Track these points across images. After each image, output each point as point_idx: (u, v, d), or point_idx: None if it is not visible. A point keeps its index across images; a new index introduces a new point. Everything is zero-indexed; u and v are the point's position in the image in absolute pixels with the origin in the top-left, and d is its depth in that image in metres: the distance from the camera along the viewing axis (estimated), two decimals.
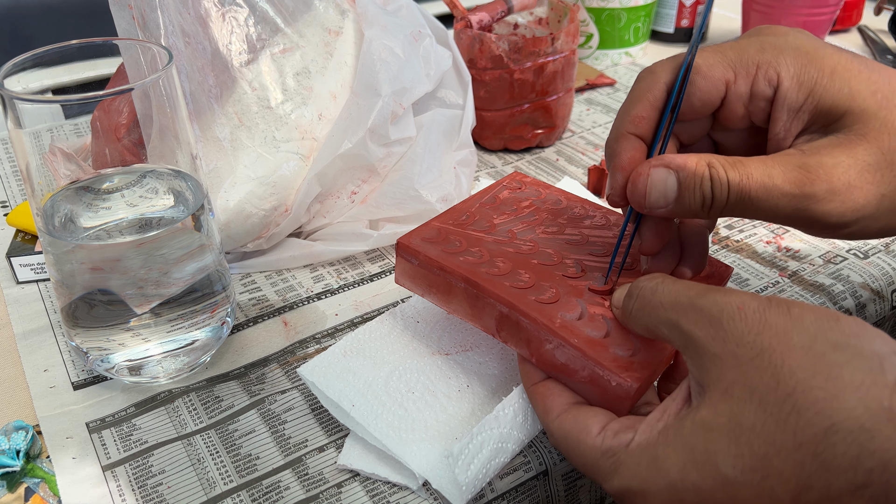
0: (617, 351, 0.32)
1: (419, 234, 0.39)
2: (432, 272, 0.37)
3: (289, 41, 0.49)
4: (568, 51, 0.61)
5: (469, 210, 0.42)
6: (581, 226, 0.41)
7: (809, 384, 0.23)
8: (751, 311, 0.26)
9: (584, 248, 0.39)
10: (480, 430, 0.34)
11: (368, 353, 0.40)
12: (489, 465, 0.34)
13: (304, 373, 0.39)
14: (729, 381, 0.25)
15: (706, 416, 0.26)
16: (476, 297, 0.36)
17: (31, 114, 0.35)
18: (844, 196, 0.31)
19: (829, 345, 0.24)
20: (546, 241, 0.39)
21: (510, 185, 0.45)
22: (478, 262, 0.37)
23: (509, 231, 0.40)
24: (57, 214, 0.37)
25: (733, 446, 0.24)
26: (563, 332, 0.33)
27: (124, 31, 0.45)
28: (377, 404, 0.37)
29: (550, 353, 0.33)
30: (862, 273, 0.48)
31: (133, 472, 0.36)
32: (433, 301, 0.38)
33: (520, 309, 0.34)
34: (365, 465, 0.35)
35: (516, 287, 0.35)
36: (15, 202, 0.59)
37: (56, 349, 0.44)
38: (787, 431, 0.23)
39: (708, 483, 0.25)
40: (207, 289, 0.40)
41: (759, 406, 0.24)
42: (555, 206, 0.43)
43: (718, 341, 0.26)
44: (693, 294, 0.28)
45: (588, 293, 0.35)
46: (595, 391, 0.32)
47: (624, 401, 0.31)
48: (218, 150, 0.46)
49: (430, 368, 0.39)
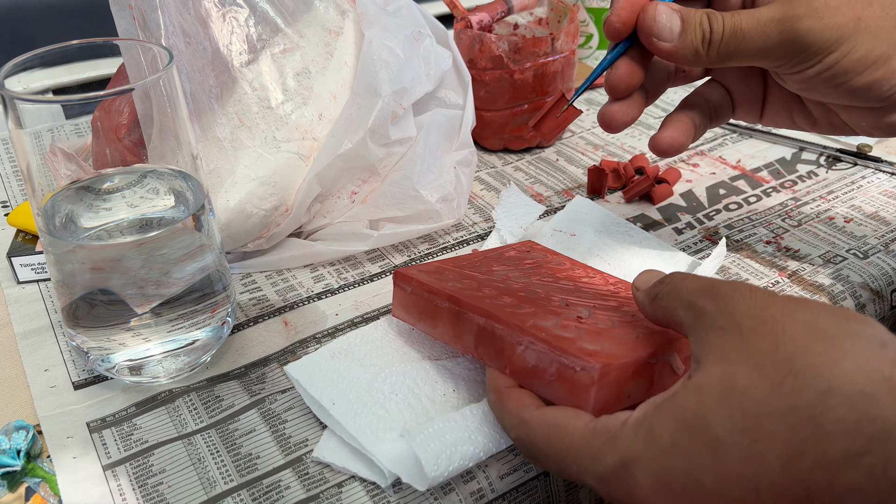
0: (587, 345, 0.32)
1: (417, 267, 0.41)
2: (421, 296, 0.38)
3: (289, 41, 0.49)
4: (568, 51, 0.61)
5: (472, 259, 0.43)
6: (576, 281, 0.42)
7: (809, 349, 0.23)
8: (761, 293, 0.27)
9: (572, 294, 0.39)
10: (443, 420, 0.34)
11: (357, 355, 0.40)
12: (453, 451, 0.33)
13: (290, 371, 0.39)
14: (728, 348, 0.25)
15: (699, 379, 0.26)
16: (458, 315, 0.36)
17: (32, 114, 0.35)
18: (823, 13, 0.35)
19: (832, 322, 0.24)
20: (537, 285, 0.40)
21: (519, 248, 0.46)
22: (464, 288, 0.38)
23: (505, 276, 0.41)
24: (57, 214, 0.37)
25: (724, 406, 0.24)
26: (532, 330, 0.33)
27: (125, 32, 0.45)
28: (358, 404, 0.37)
29: (522, 356, 0.33)
30: (861, 273, 0.48)
31: (134, 471, 0.36)
32: (422, 328, 0.39)
33: (495, 316, 0.34)
34: (338, 458, 0.36)
35: (497, 304, 0.36)
36: (15, 202, 0.59)
37: (57, 349, 0.44)
38: (782, 393, 0.23)
39: (698, 446, 0.24)
40: (208, 289, 0.40)
41: (755, 368, 0.24)
42: (556, 266, 0.44)
43: (726, 315, 0.26)
44: (716, 281, 0.29)
45: (566, 315, 0.35)
46: (563, 388, 0.31)
47: (588, 389, 0.30)
48: (218, 150, 0.46)
49: (417, 372, 0.39)
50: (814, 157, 0.62)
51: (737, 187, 0.59)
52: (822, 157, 0.62)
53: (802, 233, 0.52)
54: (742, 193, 0.58)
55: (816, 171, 0.60)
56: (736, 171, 0.61)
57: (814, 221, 0.54)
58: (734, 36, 0.36)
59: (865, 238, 0.51)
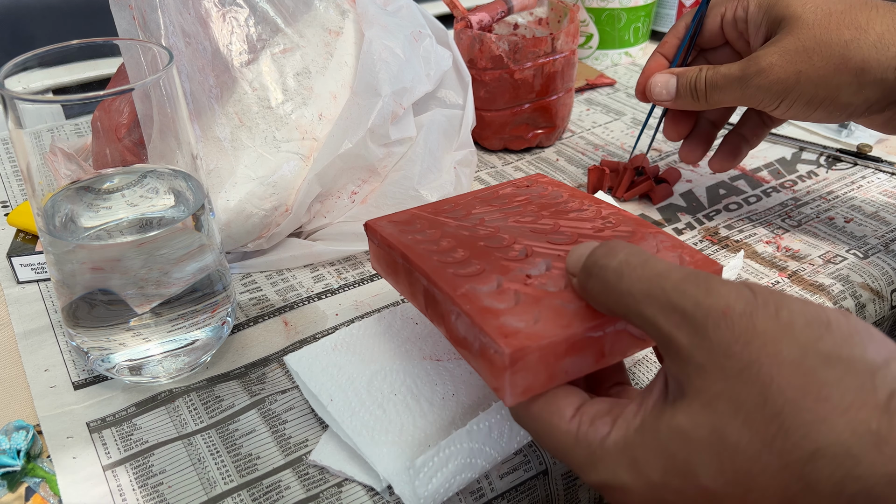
0: (510, 321, 0.29)
1: (389, 218, 0.39)
2: (385, 251, 0.37)
3: (289, 41, 0.49)
4: (568, 51, 0.61)
5: (459, 201, 0.41)
6: (562, 216, 0.38)
7: (798, 405, 0.23)
8: (737, 317, 0.24)
9: (545, 236, 0.36)
10: (449, 444, 0.33)
11: (359, 349, 0.40)
12: (454, 480, 0.33)
13: (290, 362, 0.39)
14: (713, 394, 0.24)
15: (684, 424, 0.25)
16: (409, 273, 0.35)
17: (32, 114, 0.35)
18: (769, 72, 0.44)
19: (819, 359, 0.23)
20: (508, 228, 0.37)
21: (519, 183, 0.44)
22: (422, 241, 0.36)
23: (480, 219, 0.38)
24: (57, 214, 0.37)
25: (715, 461, 0.24)
26: (460, 299, 0.31)
27: (125, 32, 0.45)
28: (356, 402, 0.37)
29: (455, 325, 0.31)
30: (862, 273, 0.48)
31: (134, 471, 0.36)
32: (392, 284, 0.37)
33: (433, 280, 0.32)
34: (334, 462, 0.36)
35: (443, 262, 0.34)
36: (15, 202, 0.59)
37: (57, 349, 0.44)
38: (773, 451, 0.23)
39: (690, 490, 0.25)
40: (208, 289, 0.40)
41: (745, 423, 0.23)
42: (550, 201, 0.41)
43: (704, 351, 0.24)
44: (669, 287, 0.26)
45: (517, 272, 0.33)
46: (484, 365, 0.29)
47: (503, 373, 0.28)
48: (218, 150, 0.46)
49: (418, 372, 0.39)
50: (814, 157, 0.62)
51: (737, 187, 0.59)
52: (822, 157, 0.62)
53: (802, 233, 0.52)
54: (742, 193, 0.58)
55: (816, 171, 0.60)
56: (736, 171, 0.61)
57: (814, 221, 0.54)
58: (714, 89, 0.47)
59: (865, 238, 0.51)
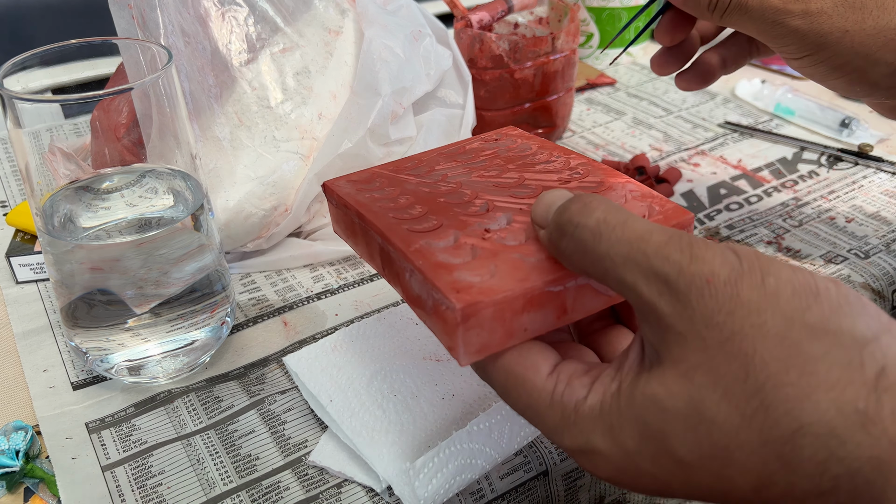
0: (464, 275, 0.27)
1: (348, 177, 0.36)
2: (342, 211, 0.35)
3: (289, 41, 0.49)
4: (568, 50, 0.61)
5: (422, 158, 0.38)
6: (528, 169, 0.36)
7: (781, 380, 0.22)
8: (721, 284, 0.23)
9: (509, 190, 0.34)
10: (449, 445, 0.33)
11: (358, 349, 0.40)
12: (454, 481, 0.33)
13: (290, 362, 0.39)
14: (691, 364, 0.23)
15: (659, 393, 0.24)
16: (365, 232, 0.33)
17: (31, 113, 0.35)
18: (815, 18, 0.38)
19: (806, 331, 0.22)
20: (471, 183, 0.35)
21: (487, 137, 0.40)
22: (380, 199, 0.33)
23: (443, 175, 0.36)
24: (56, 214, 0.37)
25: (690, 434, 0.23)
26: (413, 255, 0.29)
27: (124, 31, 0.45)
28: (355, 402, 0.36)
29: (409, 283, 0.30)
30: (863, 273, 0.48)
31: (132, 472, 0.36)
32: (352, 247, 0.35)
33: (387, 236, 0.30)
34: (334, 462, 0.35)
35: (399, 218, 0.32)
36: (14, 202, 0.59)
37: (55, 349, 0.44)
38: (753, 428, 0.22)
39: (665, 459, 0.24)
40: (207, 289, 0.40)
41: (724, 397, 0.22)
42: (517, 153, 0.38)
43: (685, 320, 0.23)
44: (651, 251, 0.24)
45: (476, 226, 0.31)
46: (437, 323, 0.28)
47: (455, 331, 0.26)
48: (218, 149, 0.46)
49: (418, 372, 0.38)
50: (815, 157, 0.62)
51: (738, 187, 0.58)
52: (823, 156, 0.62)
53: (803, 233, 0.52)
54: (743, 193, 0.58)
55: (817, 171, 0.60)
56: (737, 171, 0.61)
57: (815, 221, 0.54)
58: (739, 10, 0.39)
59: (867, 238, 0.51)
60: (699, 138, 0.66)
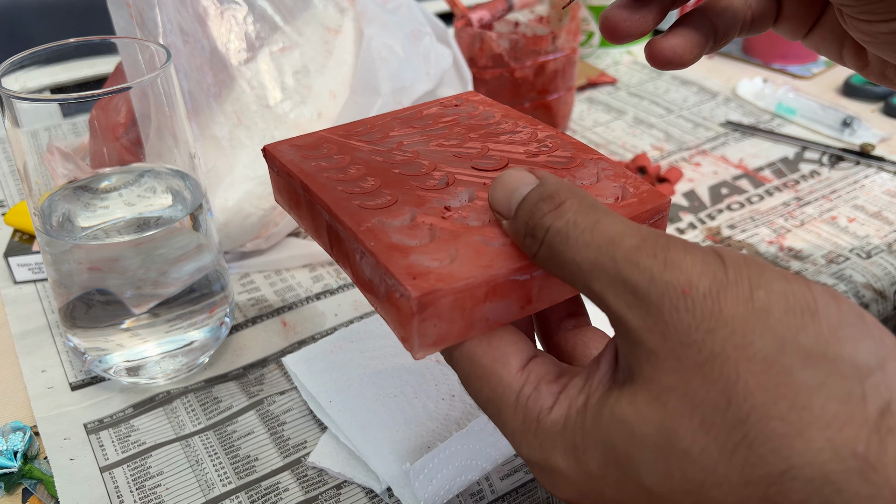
0: (421, 259, 0.25)
1: (292, 141, 0.33)
2: (284, 179, 0.31)
3: (288, 39, 0.49)
4: (569, 49, 0.60)
5: (375, 122, 0.35)
6: (492, 139, 0.33)
7: (768, 412, 0.19)
8: (700, 297, 0.20)
9: (470, 161, 0.31)
10: (449, 445, 0.33)
11: (358, 350, 0.39)
12: (454, 482, 0.33)
13: (289, 363, 0.39)
14: (664, 386, 0.20)
15: (628, 415, 0.21)
16: (311, 206, 0.30)
17: (29, 113, 0.34)
18: None
19: (799, 356, 0.19)
20: (429, 153, 0.32)
21: (447, 101, 0.37)
22: (328, 167, 0.30)
23: (398, 142, 0.33)
24: (55, 214, 0.37)
25: (661, 464, 0.20)
26: (364, 235, 0.26)
27: (122, 30, 0.44)
28: (355, 403, 0.36)
29: (359, 266, 0.27)
30: (864, 273, 0.48)
31: (131, 473, 0.36)
32: (296, 220, 0.32)
33: (335, 214, 0.28)
34: (333, 463, 0.35)
35: (348, 192, 0.29)
36: (12, 201, 0.59)
37: (54, 350, 0.44)
38: (734, 464, 0.19)
39: (630, 486, 0.21)
40: (206, 289, 0.40)
41: (701, 427, 0.19)
42: (479, 121, 0.35)
43: (657, 335, 0.20)
44: (620, 257, 0.21)
45: (434, 202, 0.28)
46: (389, 311, 0.25)
47: (409, 321, 0.24)
48: (216, 149, 0.46)
49: (419, 372, 0.38)
50: (816, 157, 0.62)
51: (739, 187, 0.58)
52: (824, 156, 0.62)
53: (805, 233, 0.52)
54: (744, 193, 0.57)
55: (819, 171, 0.60)
56: (738, 171, 0.60)
57: (816, 221, 0.53)
58: None
59: (868, 238, 0.51)
60: (700, 138, 0.65)
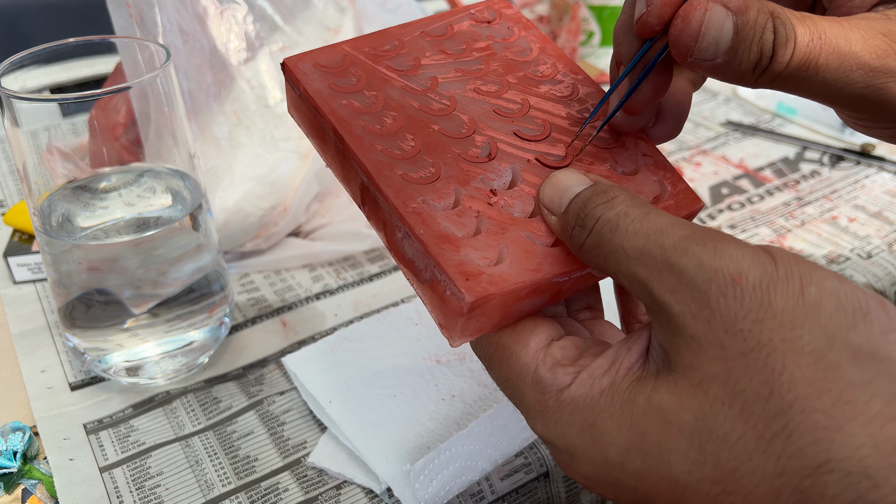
0: (472, 256, 0.25)
1: (315, 57, 0.30)
2: (310, 110, 0.29)
3: (287, 39, 0.49)
4: (569, 49, 0.60)
5: (403, 37, 0.32)
6: (532, 91, 0.31)
7: (811, 405, 0.19)
8: (750, 287, 0.20)
9: (513, 124, 0.30)
10: (449, 446, 0.33)
11: (358, 350, 0.39)
12: (454, 483, 0.33)
13: (289, 363, 0.39)
14: (706, 374, 0.20)
15: (667, 404, 0.21)
16: (343, 156, 0.28)
17: (29, 112, 0.34)
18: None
19: (848, 352, 0.19)
20: (469, 103, 0.30)
21: (479, 13, 0.34)
22: (361, 111, 0.29)
23: (432, 78, 0.31)
24: (54, 214, 0.37)
25: (694, 452, 0.20)
26: (411, 219, 0.26)
27: (122, 30, 0.44)
28: (355, 403, 0.36)
29: (400, 243, 0.27)
30: (865, 273, 0.48)
31: (131, 473, 0.36)
32: (314, 145, 0.31)
33: (377, 183, 0.27)
34: (333, 464, 0.35)
35: (388, 154, 0.27)
36: (12, 201, 0.59)
37: (53, 350, 0.44)
38: (770, 454, 0.19)
39: (653, 476, 0.21)
40: (205, 289, 0.39)
41: (740, 415, 0.20)
42: (517, 57, 0.33)
43: (702, 322, 0.20)
44: (669, 244, 0.21)
45: (479, 181, 0.27)
46: (433, 299, 0.25)
47: (456, 318, 0.24)
48: (216, 148, 0.46)
49: (418, 373, 0.38)
50: (817, 156, 0.62)
51: (739, 186, 0.58)
52: (825, 156, 0.62)
53: (805, 232, 0.52)
54: (745, 193, 0.57)
55: (819, 171, 0.60)
56: (739, 171, 0.60)
57: (817, 221, 0.53)
58: (804, 67, 0.25)
59: (869, 238, 0.51)
60: (701, 137, 0.65)
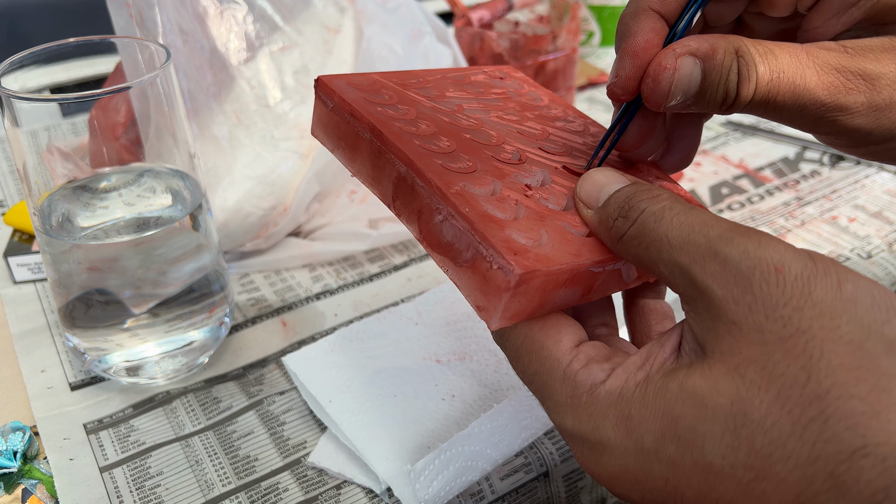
0: (517, 235, 0.25)
1: (348, 78, 0.31)
2: (343, 118, 0.30)
3: (287, 39, 0.49)
4: (569, 49, 0.60)
5: (427, 78, 0.34)
6: (549, 124, 0.33)
7: (849, 391, 0.19)
8: (792, 277, 0.20)
9: (536, 142, 0.31)
10: (450, 447, 0.33)
11: (358, 350, 0.39)
12: (454, 483, 0.33)
13: (289, 363, 0.39)
14: (743, 358, 0.21)
15: (701, 388, 0.21)
16: (378, 153, 0.28)
17: (29, 112, 0.34)
18: (882, 114, 0.27)
19: (884, 345, 0.19)
20: (493, 124, 0.31)
21: (492, 73, 0.36)
22: (397, 117, 0.29)
23: (457, 105, 0.32)
24: (54, 214, 0.37)
25: (729, 436, 0.21)
26: (455, 198, 0.26)
27: (122, 30, 0.44)
28: (355, 403, 0.36)
29: (438, 227, 0.26)
30: (865, 273, 0.48)
31: (131, 473, 0.36)
32: (340, 158, 0.31)
33: (417, 168, 0.27)
34: (333, 464, 0.35)
35: (426, 148, 0.28)
36: (12, 201, 0.59)
37: (53, 350, 0.44)
38: (805, 440, 0.19)
39: (686, 462, 0.21)
40: (205, 289, 0.39)
41: (777, 399, 0.20)
42: (530, 101, 0.35)
43: (743, 307, 0.21)
44: (714, 234, 0.22)
45: (513, 178, 0.28)
46: (474, 280, 0.25)
47: (500, 294, 0.24)
48: (216, 148, 0.46)
49: (418, 373, 0.38)
50: (817, 156, 0.62)
51: (739, 186, 0.58)
52: (825, 155, 0.62)
53: (806, 232, 0.52)
54: (745, 193, 0.57)
55: (819, 170, 0.60)
56: (739, 170, 0.60)
57: (817, 221, 0.53)
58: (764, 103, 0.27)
59: (869, 238, 0.51)
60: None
